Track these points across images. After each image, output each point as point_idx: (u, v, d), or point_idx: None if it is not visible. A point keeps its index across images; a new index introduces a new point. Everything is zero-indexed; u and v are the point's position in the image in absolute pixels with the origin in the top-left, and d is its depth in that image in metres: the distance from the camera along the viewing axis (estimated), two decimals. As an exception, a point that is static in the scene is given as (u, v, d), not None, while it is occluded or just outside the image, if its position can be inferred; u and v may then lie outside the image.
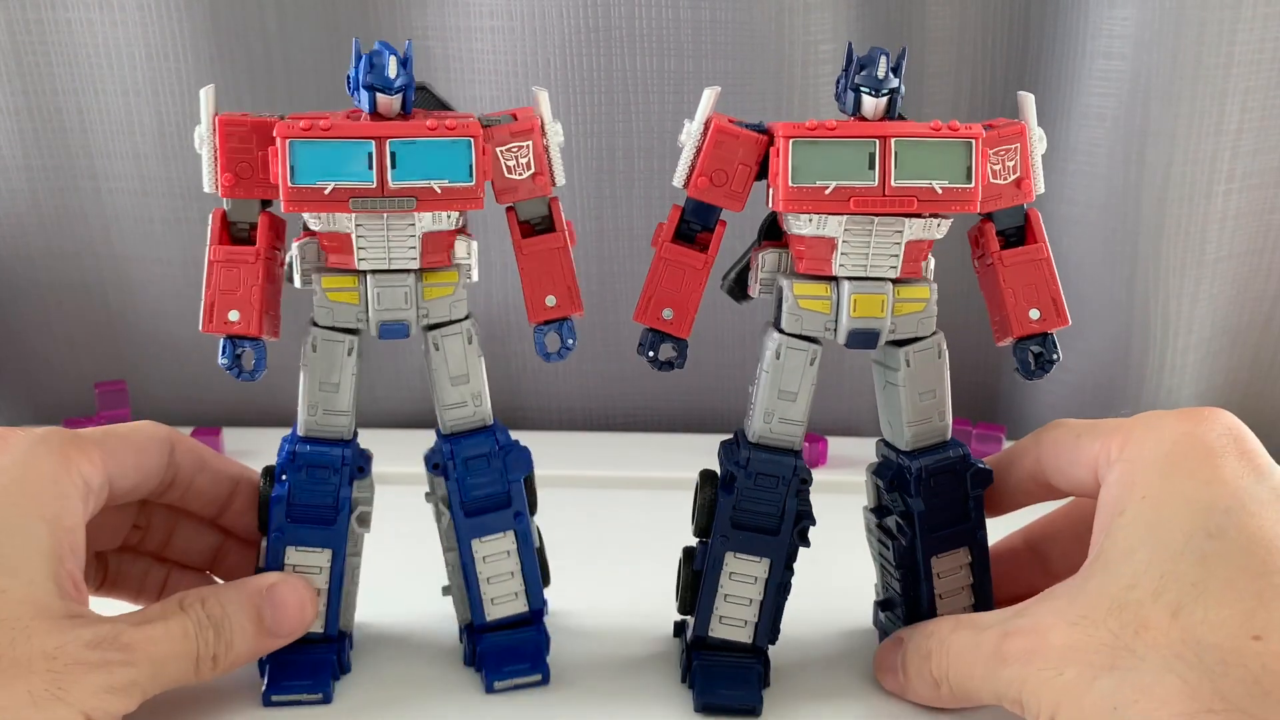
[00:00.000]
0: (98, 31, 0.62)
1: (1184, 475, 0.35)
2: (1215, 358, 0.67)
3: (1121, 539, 0.35)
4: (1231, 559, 0.33)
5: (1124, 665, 0.32)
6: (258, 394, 0.73)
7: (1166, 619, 0.32)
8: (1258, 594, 0.32)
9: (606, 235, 0.67)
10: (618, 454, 0.66)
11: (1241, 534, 0.33)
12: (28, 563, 0.35)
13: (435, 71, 0.65)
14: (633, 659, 0.45)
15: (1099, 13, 0.61)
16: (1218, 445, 0.35)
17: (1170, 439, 0.36)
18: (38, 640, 0.34)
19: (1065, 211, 0.66)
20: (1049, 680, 0.34)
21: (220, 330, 0.40)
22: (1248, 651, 0.31)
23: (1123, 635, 0.33)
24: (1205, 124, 0.60)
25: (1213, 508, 0.34)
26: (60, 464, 0.37)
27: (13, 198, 0.67)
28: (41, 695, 0.33)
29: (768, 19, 0.61)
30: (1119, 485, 0.36)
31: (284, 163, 0.38)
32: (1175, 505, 0.34)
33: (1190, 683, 0.31)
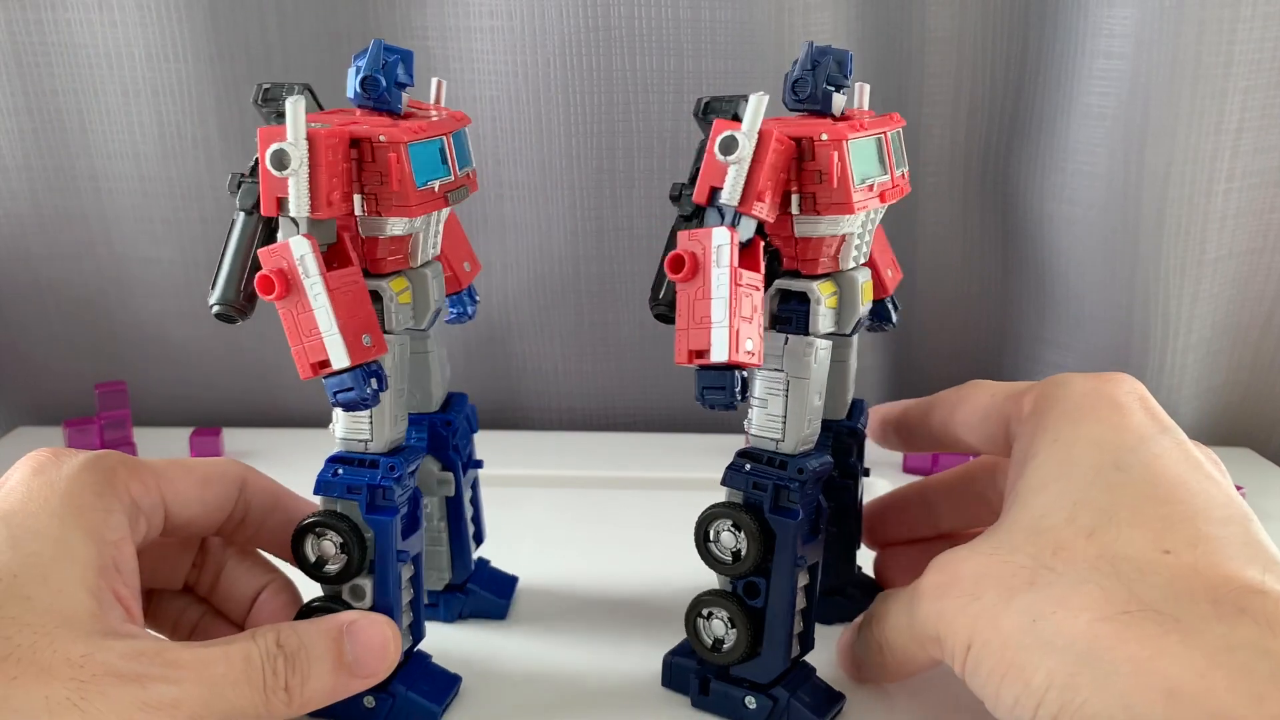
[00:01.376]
0: (98, 31, 0.62)
1: (1092, 421, 0.37)
2: (1215, 357, 0.67)
3: (1034, 478, 0.37)
4: (1138, 489, 0.35)
5: (1042, 581, 0.34)
6: (258, 394, 0.73)
7: (1083, 540, 0.34)
8: (1164, 518, 0.34)
9: (606, 235, 0.67)
10: (618, 454, 0.66)
11: (1147, 470, 0.35)
12: (60, 572, 0.34)
13: (435, 71, 0.65)
14: (633, 659, 0.45)
15: (1099, 12, 0.61)
16: (1125, 400, 0.38)
17: (1080, 393, 0.38)
18: (62, 647, 0.32)
19: (1065, 211, 0.66)
20: (964, 608, 0.35)
21: (363, 359, 0.36)
22: (1160, 563, 0.33)
23: (1040, 557, 0.34)
24: (1205, 123, 0.60)
25: (1121, 446, 0.36)
26: (106, 481, 0.36)
27: (13, 198, 0.67)
28: (60, 703, 0.31)
29: (768, 19, 0.61)
30: (1031, 434, 0.38)
31: (407, 167, 0.37)
32: (1084, 445, 0.36)
33: (1106, 589, 0.32)
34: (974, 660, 0.34)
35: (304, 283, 0.36)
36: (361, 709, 0.41)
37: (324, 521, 0.39)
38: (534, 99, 0.63)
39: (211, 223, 0.66)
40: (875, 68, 0.65)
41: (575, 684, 0.44)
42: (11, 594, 0.33)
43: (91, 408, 0.68)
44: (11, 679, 0.31)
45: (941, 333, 0.73)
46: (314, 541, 0.40)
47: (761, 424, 0.40)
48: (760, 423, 0.40)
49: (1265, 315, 0.67)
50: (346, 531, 0.39)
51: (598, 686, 0.44)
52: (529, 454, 0.66)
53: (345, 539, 0.39)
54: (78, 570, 0.34)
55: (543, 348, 0.70)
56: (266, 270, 0.36)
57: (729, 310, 0.36)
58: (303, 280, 0.36)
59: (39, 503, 0.35)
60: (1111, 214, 0.64)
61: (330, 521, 0.39)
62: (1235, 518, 0.34)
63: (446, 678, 0.43)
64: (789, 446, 0.40)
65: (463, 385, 0.72)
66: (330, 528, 0.39)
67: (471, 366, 0.71)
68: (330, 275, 0.36)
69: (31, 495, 0.35)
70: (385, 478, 0.39)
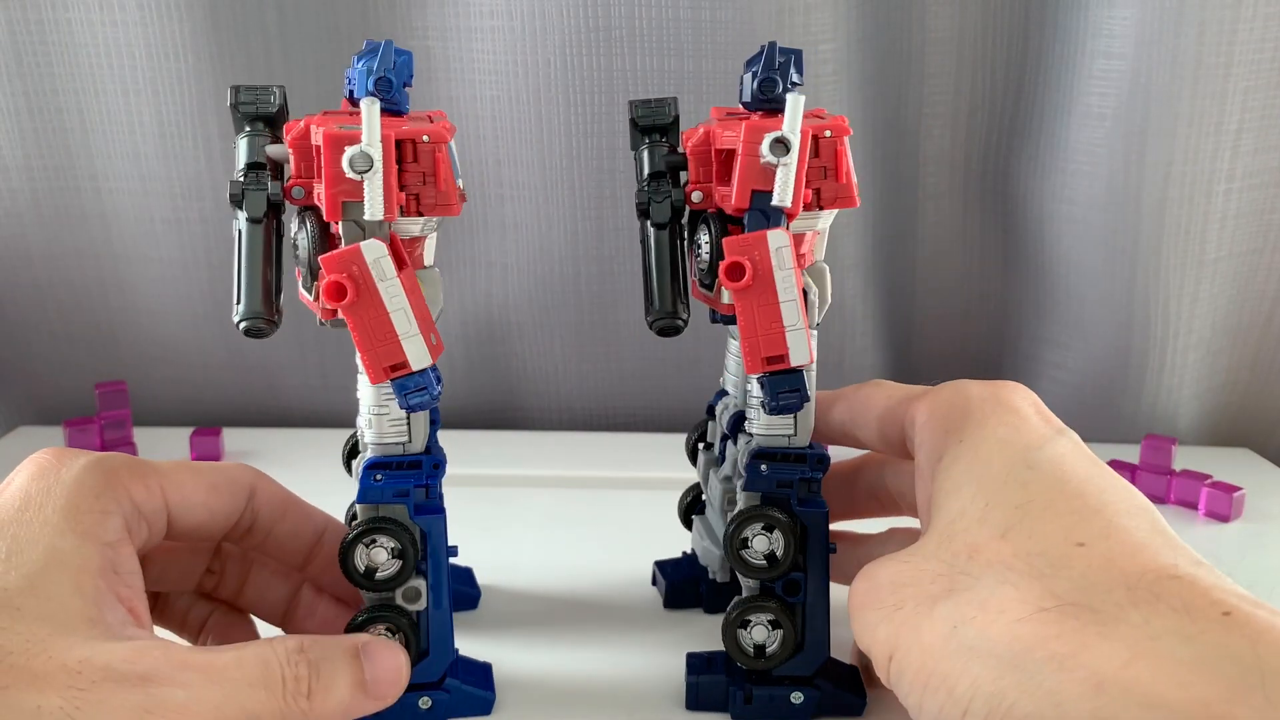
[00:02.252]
0: (98, 31, 0.62)
1: (995, 423, 0.37)
2: (1215, 357, 0.67)
3: (945, 482, 0.37)
4: (1049, 485, 0.35)
5: (960, 586, 0.33)
6: (258, 394, 0.73)
7: (996, 540, 0.34)
8: (1075, 512, 0.34)
9: (606, 235, 0.67)
10: (618, 454, 0.66)
11: (1055, 468, 0.35)
12: (52, 579, 0.33)
13: (435, 71, 0.65)
14: (633, 659, 0.45)
15: (1099, 12, 0.61)
16: (1020, 405, 0.38)
17: (978, 398, 0.38)
18: (58, 654, 0.31)
19: (1065, 211, 0.66)
20: (886, 618, 0.34)
21: (436, 357, 0.37)
22: (1074, 555, 0.32)
23: (956, 561, 0.34)
24: (1205, 124, 0.60)
25: (1028, 446, 0.36)
26: (106, 483, 0.36)
27: (13, 198, 0.67)
28: (53, 713, 0.30)
29: (768, 19, 0.61)
30: (934, 439, 0.38)
31: (449, 167, 0.37)
32: (991, 445, 0.36)
33: (1021, 588, 0.32)
34: (896, 671, 0.34)
35: (379, 286, 0.36)
36: (416, 710, 0.41)
37: (378, 529, 0.39)
38: (534, 99, 0.63)
39: (211, 223, 0.66)
40: (875, 68, 0.65)
41: (575, 684, 0.44)
42: (3, 604, 0.32)
43: (91, 408, 0.68)
44: (2, 689, 0.30)
45: (941, 333, 0.73)
46: (364, 552, 0.39)
47: (770, 422, 0.41)
48: (769, 421, 0.40)
49: (1265, 315, 0.67)
50: (403, 535, 0.39)
51: (599, 686, 0.44)
52: (529, 454, 0.66)
53: (401, 543, 0.39)
54: (71, 576, 0.33)
55: (543, 348, 0.70)
56: (335, 277, 0.35)
57: (801, 312, 0.37)
58: (378, 284, 0.36)
59: (34, 510, 0.35)
60: (1111, 214, 0.64)
61: (385, 527, 0.39)
62: (1142, 508, 0.34)
63: (482, 666, 0.43)
64: (802, 440, 0.41)
65: (463, 385, 0.72)
66: (383, 534, 0.39)
67: (471, 366, 0.71)
68: (404, 275, 0.36)
69: (28, 502, 0.35)
70: (431, 476, 0.39)
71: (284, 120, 0.39)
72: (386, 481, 0.39)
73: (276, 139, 0.39)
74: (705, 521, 0.48)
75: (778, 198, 0.37)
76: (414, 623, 0.40)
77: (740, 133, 0.37)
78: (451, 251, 0.69)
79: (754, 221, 0.37)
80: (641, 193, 0.40)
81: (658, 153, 0.41)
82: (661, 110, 0.41)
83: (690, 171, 0.40)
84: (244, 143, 0.38)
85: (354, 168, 0.35)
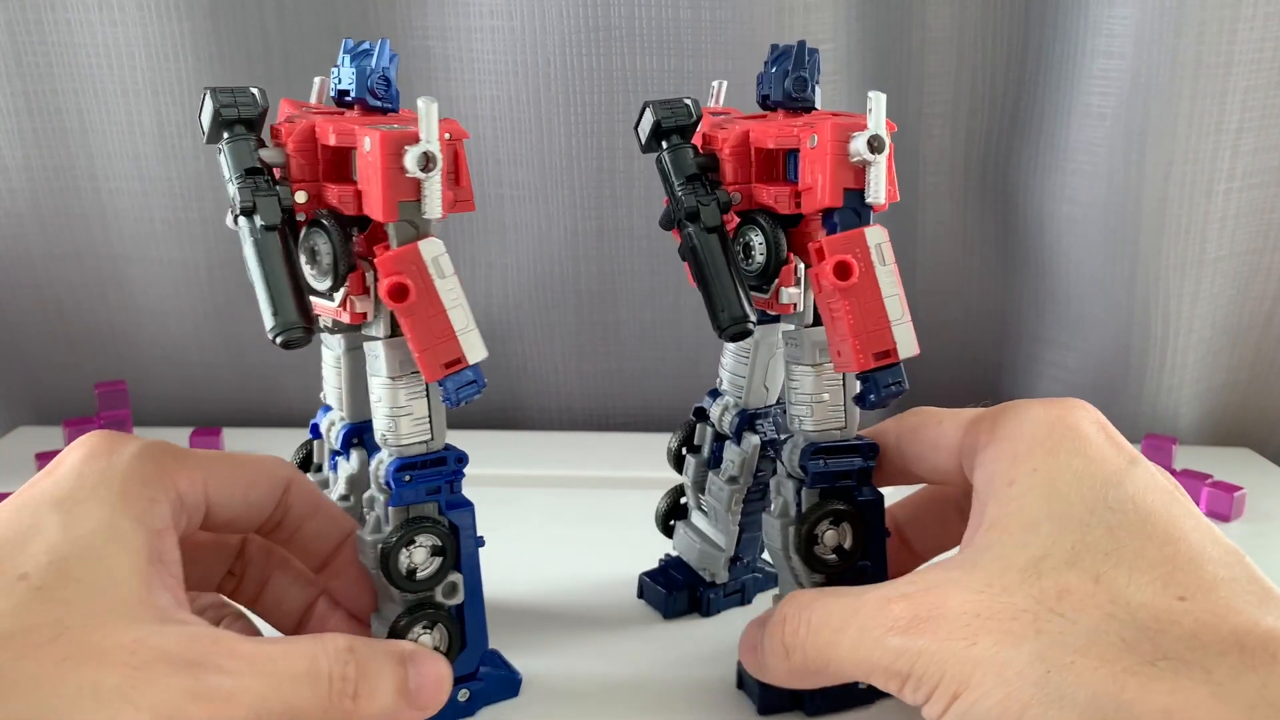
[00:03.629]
0: (98, 31, 0.62)
1: (1068, 453, 0.35)
2: (1215, 357, 0.67)
3: (1017, 510, 0.35)
4: (1135, 530, 0.33)
5: (1051, 629, 0.32)
6: (258, 394, 0.73)
7: (1090, 584, 0.32)
8: (1169, 559, 0.32)
9: (606, 235, 0.67)
10: (618, 454, 0.66)
11: (1137, 509, 0.34)
12: (110, 557, 0.33)
13: (435, 71, 0.65)
14: (633, 659, 0.45)
15: (1099, 12, 0.61)
16: (1089, 430, 0.36)
17: (1045, 421, 0.37)
18: (114, 631, 0.31)
19: (1066, 211, 0.66)
20: (957, 651, 0.32)
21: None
22: (1178, 610, 0.31)
23: (1044, 600, 0.32)
24: (1205, 123, 0.60)
25: (1106, 483, 0.34)
26: (155, 470, 0.36)
27: (13, 198, 0.67)
28: (108, 691, 0.30)
29: (768, 19, 0.61)
30: (1000, 461, 0.36)
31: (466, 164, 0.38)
32: (1067, 479, 0.35)
33: (1129, 640, 0.31)
34: (964, 711, 0.32)
35: (438, 284, 0.36)
36: (455, 704, 0.41)
37: (418, 529, 0.39)
38: (534, 99, 0.63)
39: (211, 223, 0.66)
40: (875, 68, 0.65)
41: (576, 685, 0.44)
42: (62, 576, 0.32)
43: (91, 408, 0.68)
44: (61, 659, 0.30)
45: (941, 333, 0.73)
46: (406, 553, 0.39)
47: (822, 418, 0.40)
48: (821, 417, 0.40)
49: (1266, 315, 0.67)
50: (441, 532, 0.39)
51: (599, 686, 0.44)
52: (529, 454, 0.66)
53: (441, 539, 0.39)
54: (128, 556, 0.33)
55: (543, 348, 0.70)
56: (397, 277, 0.35)
57: (903, 305, 0.37)
58: (436, 281, 0.36)
59: (89, 489, 0.34)
60: (1112, 214, 0.64)
61: (425, 527, 0.39)
62: (1234, 557, 0.33)
63: (491, 651, 0.43)
64: (850, 432, 0.41)
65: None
66: (424, 533, 0.39)
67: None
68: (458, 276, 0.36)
69: (83, 481, 0.35)
70: (457, 470, 0.40)
71: (262, 122, 0.38)
72: (417, 481, 0.39)
73: (261, 143, 0.38)
74: (693, 526, 0.48)
75: (872, 195, 0.37)
76: (453, 618, 0.40)
77: (826, 132, 0.37)
78: (451, 251, 0.68)
79: (846, 219, 0.38)
80: (688, 196, 0.39)
81: (687, 155, 0.39)
82: (684, 110, 0.40)
83: (728, 173, 0.40)
84: (232, 149, 0.37)
85: (420, 167, 0.35)
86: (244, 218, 0.36)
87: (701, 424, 0.48)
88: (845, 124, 0.37)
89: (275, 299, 0.35)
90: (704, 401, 0.48)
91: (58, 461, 0.36)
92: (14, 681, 0.29)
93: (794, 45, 0.40)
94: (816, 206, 0.38)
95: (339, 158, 0.38)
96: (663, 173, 0.40)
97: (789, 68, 0.40)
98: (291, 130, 0.38)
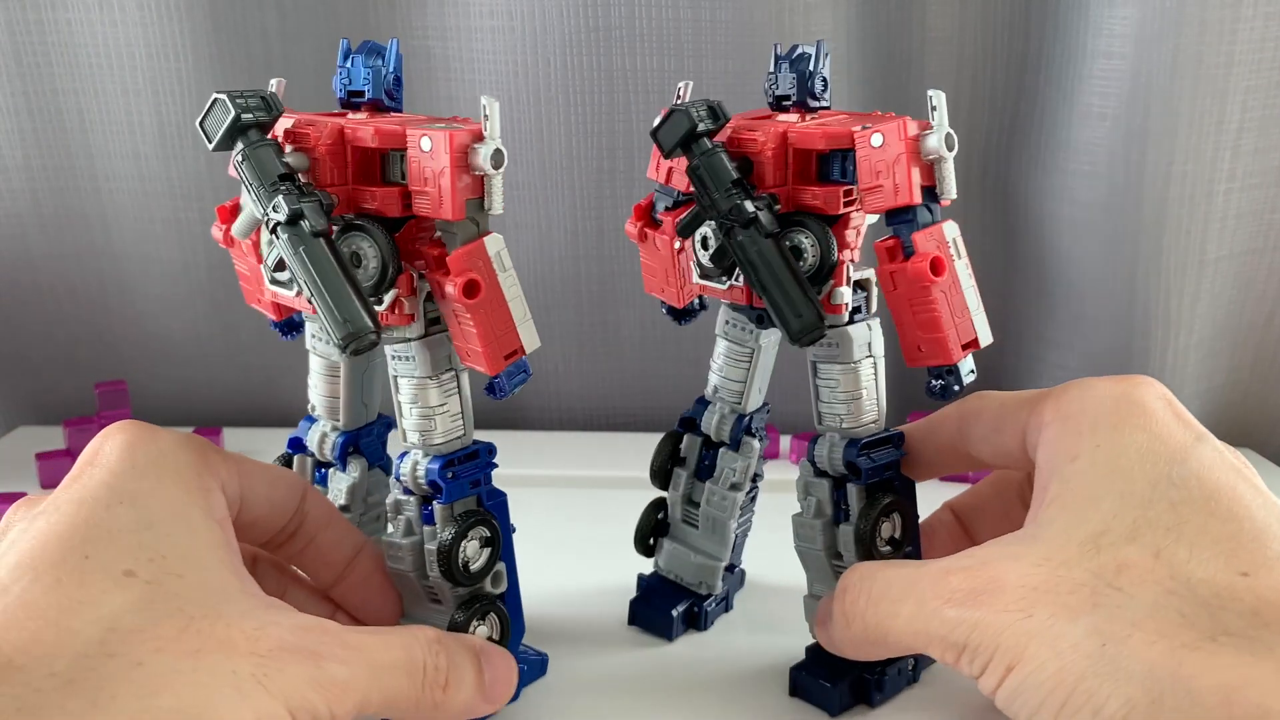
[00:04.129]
0: (98, 31, 0.62)
1: (1132, 429, 0.35)
2: (1216, 357, 0.67)
3: (1079, 485, 0.35)
4: (1199, 506, 0.33)
5: (1109, 603, 0.31)
6: (258, 394, 0.73)
7: (1149, 559, 0.32)
8: (1232, 536, 0.32)
9: (606, 235, 0.67)
10: (618, 454, 0.66)
11: (1202, 485, 0.33)
12: (199, 549, 0.32)
13: (435, 71, 0.65)
14: (633, 658, 0.45)
15: (1099, 12, 0.61)
16: (1155, 406, 0.36)
17: (1110, 397, 0.36)
18: (235, 621, 0.31)
19: (1066, 211, 0.66)
20: (1012, 623, 0.32)
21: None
22: (1240, 586, 0.31)
23: (1102, 574, 0.32)
24: (1206, 123, 0.60)
25: (1171, 460, 0.34)
26: (202, 460, 0.35)
27: (13, 198, 0.67)
28: (246, 679, 0.29)
29: (768, 19, 0.61)
30: (1064, 437, 0.36)
31: None
32: (1131, 455, 0.34)
33: (1188, 615, 0.30)
34: (1019, 683, 0.31)
35: (500, 278, 0.37)
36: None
37: (472, 523, 0.39)
38: (534, 99, 0.63)
39: (211, 223, 0.66)
40: (875, 68, 0.65)
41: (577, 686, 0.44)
42: (163, 571, 0.31)
43: (91, 408, 0.68)
44: (195, 651, 0.30)
45: (942, 333, 0.73)
46: (461, 549, 0.39)
47: (860, 413, 0.41)
48: (859, 412, 0.41)
49: (1266, 315, 0.67)
50: (492, 523, 0.40)
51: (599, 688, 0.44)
52: (529, 454, 0.66)
53: (490, 529, 0.40)
54: (210, 549, 0.33)
55: (542, 348, 0.70)
56: (468, 275, 0.36)
57: (978, 295, 0.38)
58: (499, 275, 0.37)
59: (153, 481, 0.33)
60: (1112, 214, 0.64)
61: (478, 519, 0.39)
62: None
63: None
64: (882, 424, 0.42)
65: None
66: (476, 525, 0.39)
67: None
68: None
69: (139, 472, 0.34)
70: (490, 462, 0.40)
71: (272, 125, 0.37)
72: (461, 478, 0.39)
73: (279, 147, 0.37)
74: (682, 540, 0.48)
75: (947, 191, 0.38)
76: (503, 605, 0.41)
77: (897, 132, 0.37)
78: (451, 251, 0.69)
79: (923, 216, 0.38)
80: (740, 201, 0.37)
81: (723, 160, 0.38)
82: (716, 114, 0.39)
83: (768, 176, 0.39)
84: (257, 155, 0.36)
85: (495, 164, 0.35)
86: (288, 226, 0.34)
87: (690, 435, 0.47)
88: (911, 123, 0.38)
89: (340, 306, 0.34)
90: (692, 412, 0.47)
91: (94, 451, 0.34)
92: (158, 675, 0.29)
93: (814, 45, 0.41)
94: (890, 205, 0.37)
95: (369, 160, 0.38)
96: (699, 179, 0.38)
97: (809, 69, 0.40)
98: (318, 134, 0.37)
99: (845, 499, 0.42)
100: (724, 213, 0.38)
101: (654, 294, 0.45)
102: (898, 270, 0.37)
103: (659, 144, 0.39)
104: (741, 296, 0.41)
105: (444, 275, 0.36)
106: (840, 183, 0.39)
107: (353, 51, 0.39)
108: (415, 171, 0.36)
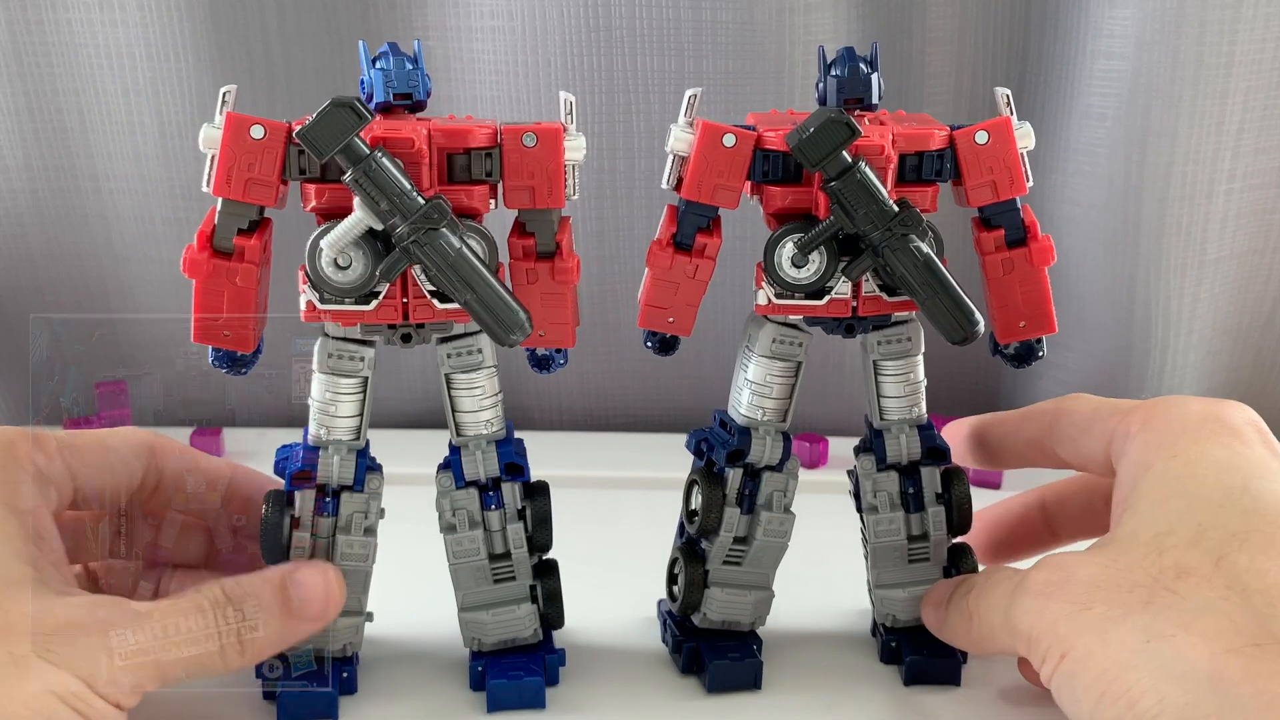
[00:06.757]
0: (98, 31, 0.62)
1: (1214, 444, 0.36)
2: (1216, 358, 0.67)
3: (1150, 491, 0.35)
4: (1271, 519, 0.33)
5: (1161, 602, 0.32)
6: (258, 394, 0.73)
7: (1209, 565, 0.32)
8: None
9: (607, 235, 0.67)
10: (618, 454, 0.66)
11: (1277, 500, 0.34)
12: None
13: (435, 71, 0.65)
14: (635, 659, 0.45)
15: (1099, 12, 0.61)
16: (1243, 428, 0.37)
17: (1198, 414, 0.37)
18: (15, 608, 0.33)
19: (1066, 211, 0.66)
20: (1071, 615, 0.33)
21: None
22: None
23: (1161, 577, 0.33)
24: (1206, 124, 0.60)
25: (1249, 474, 0.35)
26: (7, 454, 0.37)
27: (13, 198, 0.67)
28: (24, 658, 0.31)
29: (768, 19, 0.61)
30: (1145, 449, 0.37)
31: None
32: (1208, 465, 0.35)
33: (1235, 620, 0.31)
34: (1069, 671, 0.33)
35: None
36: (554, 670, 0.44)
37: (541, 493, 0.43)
38: (534, 99, 0.63)
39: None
40: (875, 68, 0.65)
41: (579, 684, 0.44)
42: None
43: (92, 407, 0.68)
44: None
45: (942, 333, 0.73)
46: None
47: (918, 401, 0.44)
48: (918, 400, 0.44)
49: (1266, 316, 0.67)
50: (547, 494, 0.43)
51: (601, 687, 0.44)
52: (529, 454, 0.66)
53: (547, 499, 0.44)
54: (5, 541, 0.34)
55: (543, 348, 0.70)
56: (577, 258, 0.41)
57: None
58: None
59: None
60: (1112, 214, 0.64)
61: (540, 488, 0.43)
62: None
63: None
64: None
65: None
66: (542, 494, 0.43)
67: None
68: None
69: None
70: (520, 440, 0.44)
71: None
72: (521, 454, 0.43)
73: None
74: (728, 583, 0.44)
75: (1030, 181, 0.41)
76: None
77: (1001, 129, 0.41)
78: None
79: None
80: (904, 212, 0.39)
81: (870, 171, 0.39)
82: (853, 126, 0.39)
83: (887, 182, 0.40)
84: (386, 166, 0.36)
85: (581, 155, 0.39)
86: (434, 235, 0.36)
87: (733, 469, 0.44)
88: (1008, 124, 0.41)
89: (503, 303, 0.37)
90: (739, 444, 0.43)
91: None
92: None
93: (872, 46, 0.42)
94: (1006, 196, 0.41)
95: (443, 160, 0.39)
96: (856, 190, 0.38)
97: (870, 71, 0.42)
98: (417, 138, 0.37)
99: (915, 485, 0.43)
100: (891, 220, 0.38)
101: (655, 327, 0.45)
102: (1019, 254, 0.41)
103: (803, 154, 0.38)
104: (844, 310, 0.42)
105: (534, 262, 0.40)
106: (931, 182, 0.41)
107: (385, 53, 0.39)
108: (516, 166, 0.38)
